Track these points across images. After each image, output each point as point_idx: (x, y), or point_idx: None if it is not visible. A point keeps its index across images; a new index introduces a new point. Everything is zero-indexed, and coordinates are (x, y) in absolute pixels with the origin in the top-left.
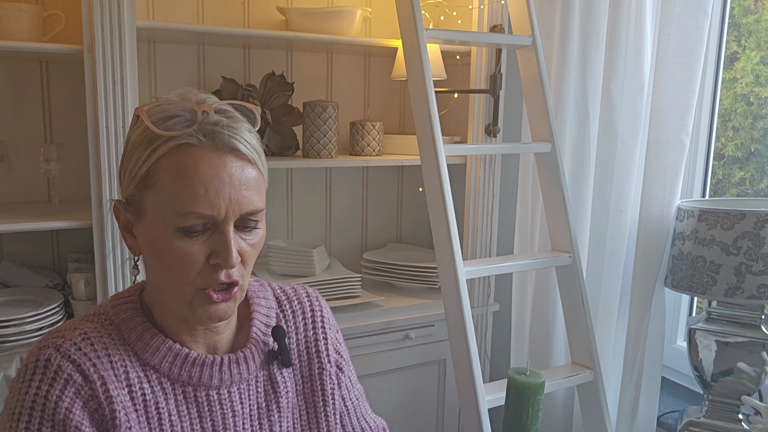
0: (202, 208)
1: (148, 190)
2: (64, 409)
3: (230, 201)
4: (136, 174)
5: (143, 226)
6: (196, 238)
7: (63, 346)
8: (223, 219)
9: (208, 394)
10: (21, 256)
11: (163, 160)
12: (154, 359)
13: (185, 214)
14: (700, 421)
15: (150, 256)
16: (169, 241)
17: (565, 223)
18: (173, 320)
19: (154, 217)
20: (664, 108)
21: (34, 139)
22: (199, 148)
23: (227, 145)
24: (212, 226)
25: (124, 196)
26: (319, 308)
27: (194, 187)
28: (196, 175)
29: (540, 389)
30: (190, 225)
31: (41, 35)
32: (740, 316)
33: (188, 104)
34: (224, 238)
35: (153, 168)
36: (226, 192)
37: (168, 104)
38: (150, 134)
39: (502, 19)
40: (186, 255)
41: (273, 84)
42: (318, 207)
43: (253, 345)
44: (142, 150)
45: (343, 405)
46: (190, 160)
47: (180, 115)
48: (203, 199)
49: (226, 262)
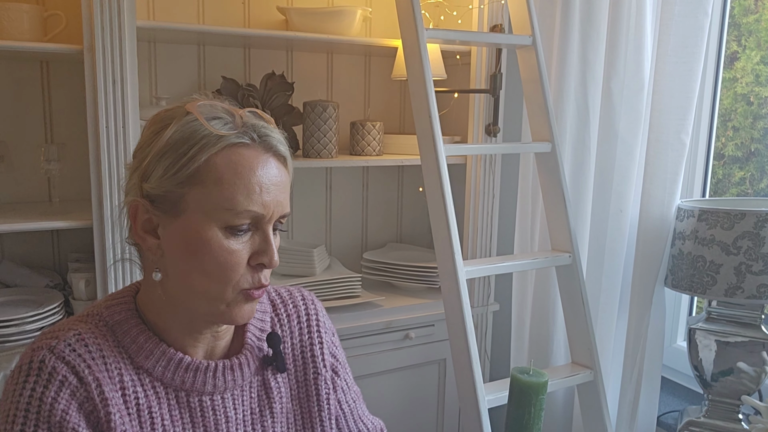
0: (256, 206)
1: (195, 187)
2: (61, 411)
3: (276, 202)
4: (179, 170)
5: (178, 225)
6: (240, 237)
7: (57, 347)
8: (268, 219)
9: (201, 400)
10: (21, 256)
11: (218, 156)
12: (148, 363)
13: (239, 212)
14: (700, 420)
15: (183, 256)
16: (215, 239)
17: (565, 223)
18: (176, 325)
19: (198, 214)
20: (664, 108)
21: (35, 139)
22: (251, 149)
23: (273, 147)
24: (254, 227)
25: (154, 192)
26: (314, 312)
27: (250, 186)
28: (252, 174)
29: (543, 389)
30: (240, 223)
31: (42, 35)
32: (740, 316)
33: (226, 107)
34: (267, 238)
35: (205, 164)
36: (274, 193)
37: (209, 104)
38: (198, 131)
39: (502, 18)
40: (231, 254)
41: (273, 84)
42: (318, 207)
43: (248, 351)
44: (187, 147)
45: (340, 408)
46: (245, 159)
47: (221, 117)
48: (258, 198)
49: (271, 261)
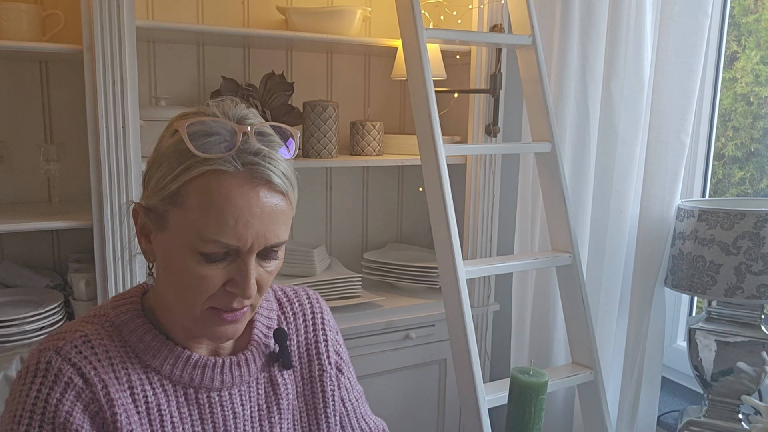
0: (227, 238)
1: (174, 207)
2: (65, 412)
3: (257, 235)
4: (164, 187)
5: (162, 239)
6: (215, 264)
7: (63, 348)
8: (247, 251)
9: (209, 396)
10: (21, 256)
11: (197, 181)
12: (156, 361)
13: (210, 241)
14: (700, 420)
15: (163, 269)
16: (188, 262)
17: (565, 223)
18: (178, 326)
19: (176, 234)
20: (664, 108)
21: (34, 139)
22: (234, 177)
23: (263, 177)
24: (234, 255)
25: (147, 203)
26: (319, 310)
27: (224, 217)
28: (228, 205)
29: (543, 388)
30: (213, 252)
31: (40, 35)
32: (740, 316)
33: (229, 123)
34: (244, 269)
35: (183, 187)
36: (255, 226)
37: (210, 119)
38: (186, 150)
39: (502, 18)
40: (202, 279)
41: (273, 84)
42: (318, 207)
43: (255, 347)
44: (175, 164)
45: (343, 406)
46: (223, 188)
47: (219, 134)
48: (231, 230)
49: (244, 292)
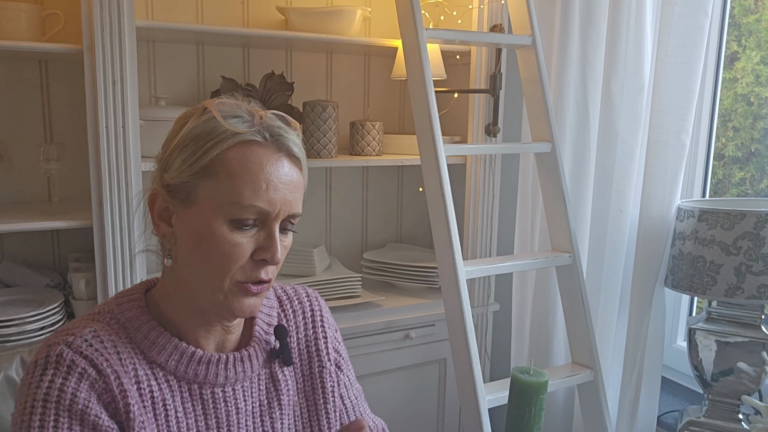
0: (261, 202)
1: (207, 179)
2: (82, 399)
3: (284, 201)
4: (195, 162)
5: (189, 214)
6: (245, 231)
7: (74, 342)
8: (274, 217)
9: (213, 392)
10: (21, 255)
11: (230, 152)
12: (161, 357)
13: (245, 206)
14: (700, 420)
15: (191, 244)
16: (220, 231)
17: (565, 223)
18: (188, 317)
19: (207, 205)
20: (664, 108)
21: (34, 139)
22: (264, 147)
23: (287, 148)
24: (261, 223)
25: (172, 182)
26: (318, 308)
27: (257, 182)
28: (261, 171)
29: (543, 388)
30: (246, 218)
31: (40, 35)
32: (740, 316)
33: (248, 107)
34: (272, 235)
35: (217, 158)
36: (282, 192)
37: (231, 102)
38: (212, 127)
39: (502, 18)
40: (234, 246)
41: (273, 84)
42: (318, 207)
43: (256, 343)
44: (205, 141)
45: (342, 403)
46: (254, 156)
47: (241, 116)
48: (264, 195)
49: (273, 258)
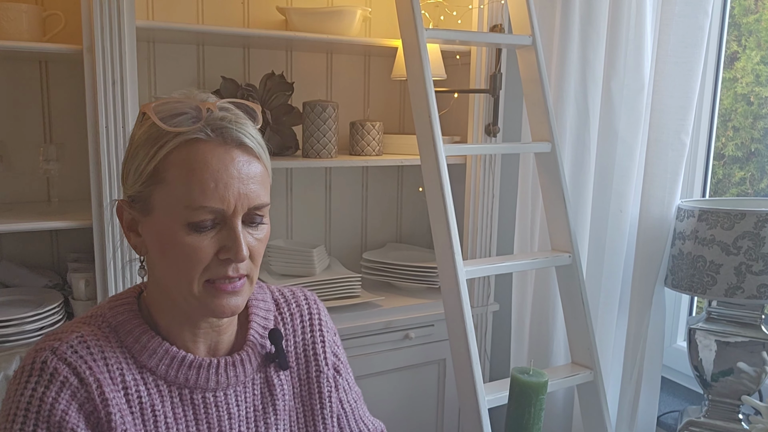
0: (212, 202)
1: (156, 186)
2: (60, 411)
3: (239, 195)
4: (143, 170)
5: (150, 223)
6: (205, 233)
7: (59, 348)
8: (232, 213)
9: (204, 397)
10: (21, 256)
11: (172, 155)
12: (151, 362)
13: (196, 208)
14: (700, 420)
15: (157, 252)
16: (178, 236)
17: (565, 223)
18: (176, 320)
19: (163, 212)
20: (664, 108)
21: (34, 139)
22: (207, 143)
23: (234, 139)
24: (221, 222)
25: (129, 194)
26: (317, 311)
27: (204, 182)
28: (206, 169)
29: (543, 388)
30: (200, 220)
31: (40, 35)
32: (740, 316)
33: (193, 102)
34: (233, 233)
35: (161, 164)
36: (235, 186)
37: (174, 102)
38: (157, 131)
39: (502, 18)
40: (195, 250)
41: (273, 84)
42: (318, 207)
43: (250, 348)
44: (150, 147)
45: (341, 407)
46: (199, 154)
47: (186, 113)
48: (213, 194)
49: (237, 256)
